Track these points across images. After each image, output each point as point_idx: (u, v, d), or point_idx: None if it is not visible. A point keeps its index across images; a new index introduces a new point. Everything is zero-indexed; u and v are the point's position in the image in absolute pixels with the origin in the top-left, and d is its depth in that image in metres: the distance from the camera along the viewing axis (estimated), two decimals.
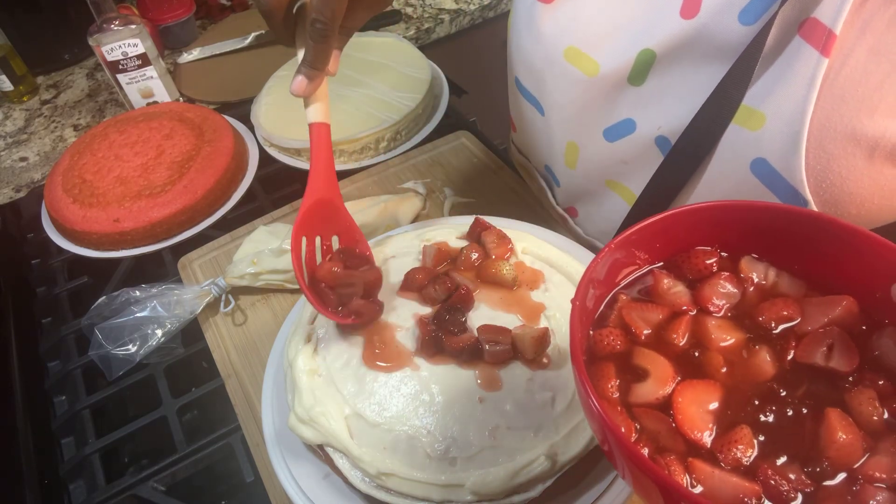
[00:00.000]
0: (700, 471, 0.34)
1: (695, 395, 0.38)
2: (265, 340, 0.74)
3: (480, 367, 0.57)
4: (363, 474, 0.54)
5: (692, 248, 0.44)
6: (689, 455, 0.35)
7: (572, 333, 0.37)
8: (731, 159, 0.54)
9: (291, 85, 0.59)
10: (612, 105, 0.62)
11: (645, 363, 0.40)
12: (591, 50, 0.61)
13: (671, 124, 0.58)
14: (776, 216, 0.42)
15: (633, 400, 0.38)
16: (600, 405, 0.33)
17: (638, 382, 0.39)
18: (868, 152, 0.47)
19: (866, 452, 0.34)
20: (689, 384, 0.38)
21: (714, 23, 0.52)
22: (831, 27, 0.45)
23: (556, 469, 0.51)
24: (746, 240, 0.43)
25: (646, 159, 0.63)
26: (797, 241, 0.42)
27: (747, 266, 0.43)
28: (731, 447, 0.35)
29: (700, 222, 0.43)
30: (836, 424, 0.34)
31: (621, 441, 0.32)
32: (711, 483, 0.34)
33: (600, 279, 0.42)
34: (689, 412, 0.37)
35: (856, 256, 0.39)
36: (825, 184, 0.49)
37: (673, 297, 0.43)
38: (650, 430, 0.37)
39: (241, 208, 0.95)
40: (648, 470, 0.31)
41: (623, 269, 0.44)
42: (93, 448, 0.70)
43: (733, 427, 0.36)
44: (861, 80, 0.46)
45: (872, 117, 0.46)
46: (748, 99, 0.51)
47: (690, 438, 0.36)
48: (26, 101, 1.25)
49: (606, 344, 0.41)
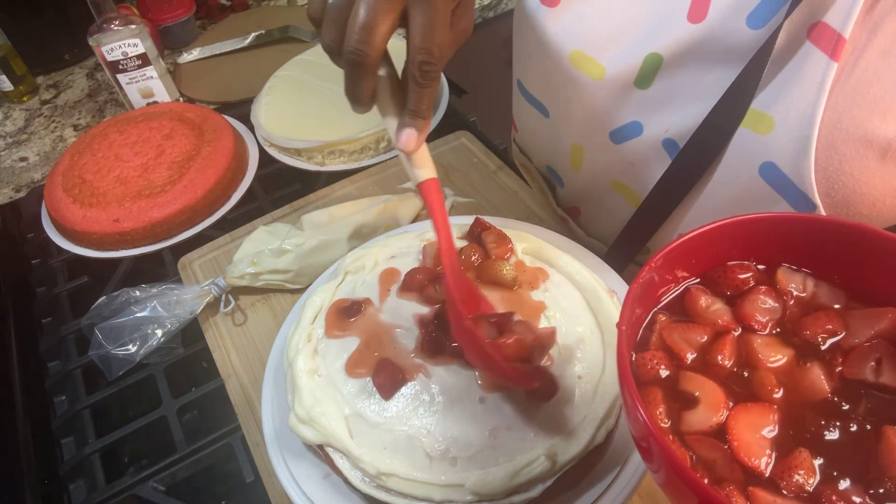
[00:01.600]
0: (762, 500, 0.33)
1: (750, 420, 0.36)
2: (265, 340, 0.74)
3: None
4: (363, 474, 0.54)
5: (726, 263, 0.43)
6: (748, 484, 0.34)
7: (620, 360, 0.36)
8: (739, 163, 0.54)
9: (399, 141, 0.51)
10: (618, 108, 0.62)
11: (693, 388, 0.38)
12: (596, 54, 0.61)
13: (678, 127, 0.58)
14: (814, 227, 0.41)
15: (686, 428, 0.37)
16: (658, 435, 0.32)
17: (688, 410, 0.37)
18: (880, 153, 0.47)
19: None
20: (743, 408, 0.37)
21: (722, 27, 0.52)
22: (840, 31, 0.45)
23: (556, 469, 0.51)
24: (783, 253, 0.42)
25: (653, 161, 0.62)
26: (835, 252, 0.40)
27: (784, 277, 0.42)
28: (792, 473, 0.34)
29: (734, 236, 0.42)
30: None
31: (687, 474, 0.31)
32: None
33: (642, 299, 0.40)
34: (745, 438, 0.35)
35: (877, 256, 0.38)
36: (837, 185, 0.49)
37: (713, 316, 0.41)
38: (706, 459, 0.35)
39: (241, 208, 0.95)
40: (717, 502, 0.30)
41: (660, 288, 0.42)
42: (93, 448, 0.70)
43: (791, 452, 0.34)
44: (873, 81, 0.46)
45: (885, 118, 0.46)
46: (757, 103, 0.51)
47: (748, 466, 0.34)
48: (26, 101, 1.25)
49: (650, 368, 0.39)
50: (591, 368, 0.56)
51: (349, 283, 0.67)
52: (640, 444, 0.37)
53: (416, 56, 0.47)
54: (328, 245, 0.78)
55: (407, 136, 0.50)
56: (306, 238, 0.77)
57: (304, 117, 0.99)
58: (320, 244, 0.77)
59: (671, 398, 0.38)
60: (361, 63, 0.46)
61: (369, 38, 0.45)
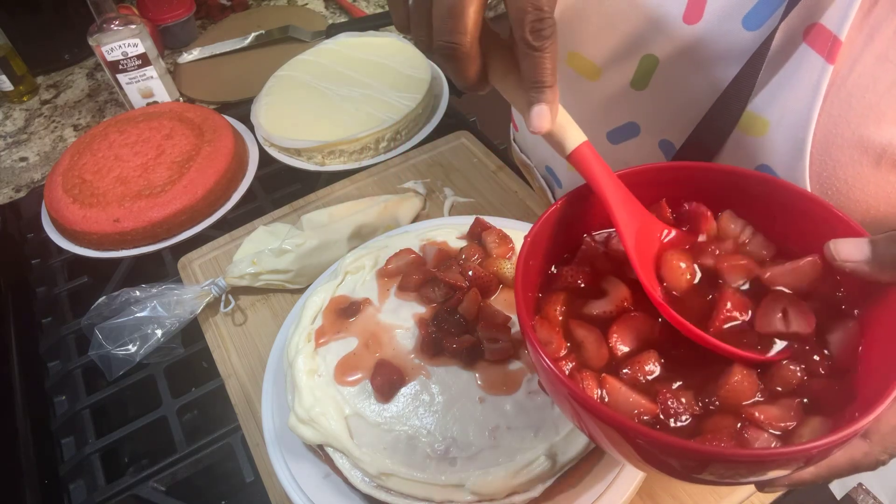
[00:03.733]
0: (611, 385, 0.39)
1: (635, 324, 0.42)
2: (265, 340, 0.74)
3: (481, 368, 0.57)
4: (363, 474, 0.54)
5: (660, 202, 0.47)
6: (604, 371, 0.40)
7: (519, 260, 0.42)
8: (735, 165, 0.54)
9: (531, 124, 0.43)
10: (614, 109, 0.62)
11: (607, 286, 0.44)
12: (592, 55, 0.61)
13: (674, 128, 0.58)
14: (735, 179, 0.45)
15: (585, 311, 0.43)
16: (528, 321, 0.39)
17: (594, 300, 0.43)
18: (875, 160, 0.47)
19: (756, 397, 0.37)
20: (638, 313, 0.42)
21: (718, 28, 0.52)
22: (837, 33, 0.45)
23: (556, 469, 0.51)
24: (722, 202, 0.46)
25: (649, 162, 0.62)
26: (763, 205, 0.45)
27: (726, 220, 0.46)
28: (635, 365, 0.39)
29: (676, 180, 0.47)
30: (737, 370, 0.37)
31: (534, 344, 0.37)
32: (616, 397, 0.38)
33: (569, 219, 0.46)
34: (622, 331, 0.41)
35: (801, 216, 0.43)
36: (830, 190, 0.49)
37: None
38: (578, 339, 0.42)
39: (241, 208, 0.95)
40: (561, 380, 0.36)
41: None
42: (93, 448, 0.70)
43: (643, 350, 0.40)
44: (869, 86, 0.46)
45: (880, 125, 0.46)
46: (752, 105, 0.51)
47: (613, 351, 0.41)
48: (26, 101, 1.25)
49: (571, 277, 0.45)
50: None
51: (349, 283, 0.67)
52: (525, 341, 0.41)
53: (523, 18, 0.40)
54: (328, 245, 0.78)
55: (538, 115, 0.42)
56: (306, 238, 0.77)
57: (304, 117, 0.99)
58: (320, 244, 0.77)
59: (575, 298, 0.44)
60: (455, 55, 0.42)
61: (458, 26, 0.41)
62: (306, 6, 1.42)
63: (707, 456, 0.33)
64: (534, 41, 0.41)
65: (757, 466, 0.34)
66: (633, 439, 0.35)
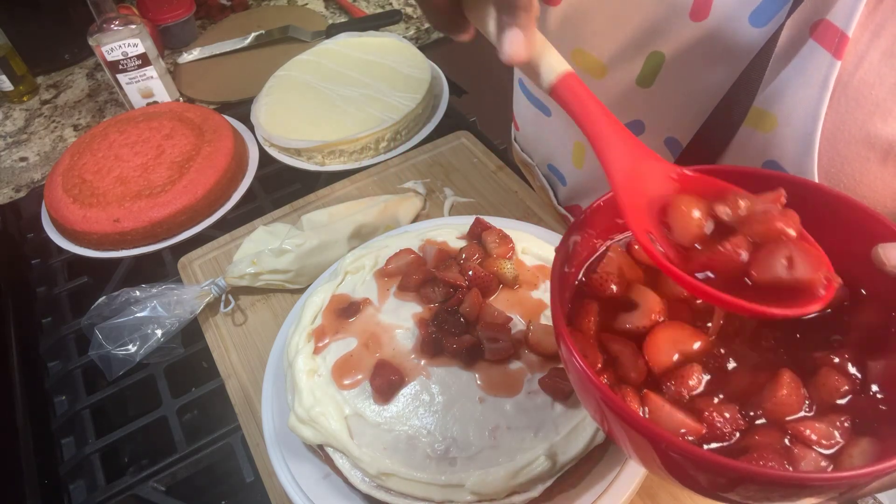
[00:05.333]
0: (653, 402, 0.36)
1: (673, 335, 0.39)
2: (265, 340, 0.74)
3: (481, 368, 0.57)
4: (363, 474, 0.54)
5: None
6: (645, 386, 0.38)
7: (553, 272, 0.40)
8: (741, 161, 0.54)
9: (503, 52, 0.39)
10: (620, 106, 0.62)
11: (637, 297, 0.42)
12: (598, 52, 0.61)
13: (680, 125, 0.58)
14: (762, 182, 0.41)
15: (617, 326, 0.41)
16: (566, 332, 0.36)
17: (625, 312, 0.41)
18: (882, 156, 0.47)
19: (803, 412, 0.36)
20: (674, 323, 0.40)
21: (725, 25, 0.52)
22: (844, 29, 0.45)
23: (556, 469, 0.51)
24: None
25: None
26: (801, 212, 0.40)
27: None
28: (678, 380, 0.37)
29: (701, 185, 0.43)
30: (784, 383, 0.36)
31: (578, 361, 0.35)
32: (659, 415, 0.36)
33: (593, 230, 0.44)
34: (659, 343, 0.39)
35: (838, 222, 0.40)
36: (838, 186, 0.49)
37: None
38: (613, 353, 0.39)
39: (241, 208, 0.95)
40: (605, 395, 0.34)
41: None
42: (93, 448, 0.70)
43: (685, 364, 0.38)
44: (875, 83, 0.46)
45: (887, 121, 0.46)
46: (759, 101, 0.51)
47: (650, 365, 0.38)
48: (26, 101, 1.25)
49: (599, 285, 0.43)
50: None
51: (349, 283, 0.67)
52: (559, 345, 0.38)
53: None
54: (328, 245, 0.78)
55: (510, 41, 0.39)
56: (306, 238, 0.77)
57: (304, 117, 0.99)
58: (320, 244, 0.77)
59: (608, 309, 0.42)
60: None
61: None
62: (306, 6, 1.42)
63: (757, 478, 0.31)
64: None
65: (804, 491, 0.31)
66: (679, 458, 0.33)
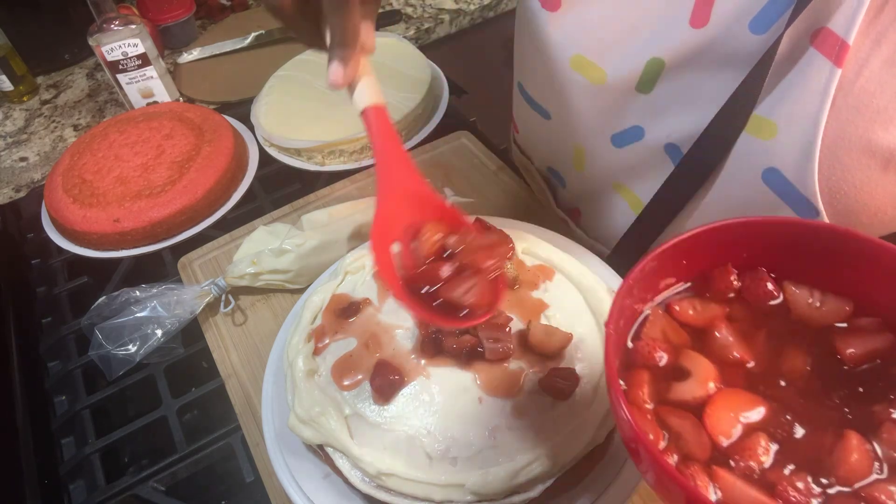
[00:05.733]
0: (724, 480, 0.35)
1: (732, 401, 0.38)
2: (265, 340, 0.74)
3: (481, 368, 0.57)
4: (363, 474, 0.54)
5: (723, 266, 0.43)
6: (712, 462, 0.36)
7: (607, 347, 0.37)
8: (742, 169, 0.54)
9: (328, 77, 0.49)
10: (619, 112, 0.62)
11: (688, 364, 0.40)
12: (597, 58, 0.61)
13: (680, 132, 0.58)
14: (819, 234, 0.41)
15: (672, 397, 0.39)
16: (630, 412, 0.34)
17: (678, 381, 0.39)
18: (883, 164, 0.47)
19: (875, 474, 0.34)
20: (731, 391, 0.38)
21: (725, 32, 0.52)
22: (844, 37, 0.45)
23: (556, 469, 0.51)
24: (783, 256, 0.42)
25: (654, 165, 0.62)
26: (841, 261, 0.40)
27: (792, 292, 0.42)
28: (746, 454, 0.35)
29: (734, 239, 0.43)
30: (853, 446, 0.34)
31: (650, 449, 0.33)
32: (732, 493, 0.34)
33: (637, 294, 0.42)
34: (719, 413, 0.37)
35: None
36: (839, 194, 0.49)
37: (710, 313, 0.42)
38: (674, 429, 0.37)
39: (241, 208, 0.95)
40: (676, 481, 0.32)
41: (662, 280, 0.43)
42: (93, 448, 0.70)
43: (751, 434, 0.36)
44: (876, 91, 0.46)
45: (888, 129, 0.46)
46: (760, 108, 0.51)
47: (714, 439, 0.36)
48: (26, 101, 1.25)
49: (647, 353, 0.40)
50: (591, 368, 0.56)
51: (349, 283, 0.67)
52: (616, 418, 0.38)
53: None
54: (328, 245, 0.78)
55: (333, 71, 0.49)
56: (306, 238, 0.77)
57: (304, 117, 0.99)
58: (320, 244, 0.77)
59: (659, 379, 0.40)
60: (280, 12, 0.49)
61: None
62: None
63: None
64: (326, 7, 0.47)
65: None
66: None
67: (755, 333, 0.41)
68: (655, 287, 0.43)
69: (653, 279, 0.43)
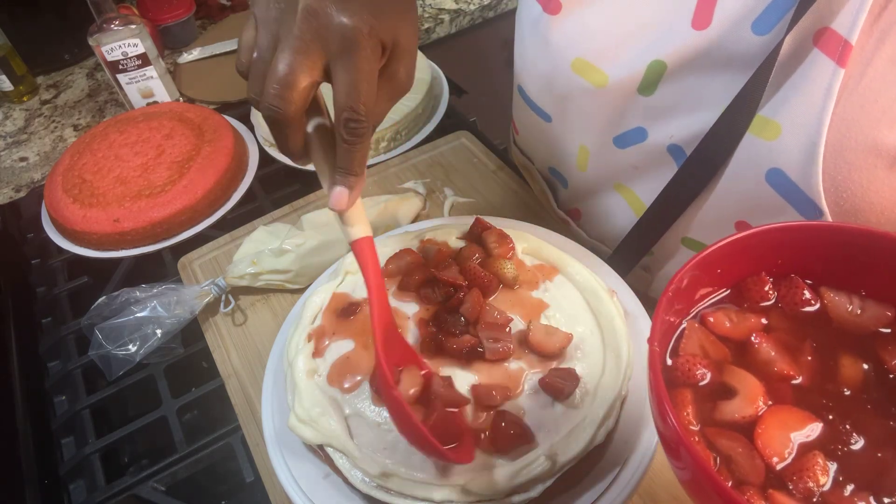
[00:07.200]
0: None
1: (783, 419, 0.36)
2: (265, 340, 0.74)
3: (480, 368, 0.57)
4: (363, 474, 0.54)
5: (759, 274, 0.42)
6: (768, 486, 0.34)
7: (654, 377, 0.35)
8: (746, 169, 0.54)
9: (330, 200, 0.50)
10: (621, 114, 0.62)
11: (734, 381, 0.38)
12: (599, 61, 0.60)
13: (683, 133, 0.58)
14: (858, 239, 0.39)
15: (718, 417, 0.37)
16: (685, 438, 0.32)
17: (725, 400, 0.37)
18: (889, 163, 0.47)
19: None
20: (782, 407, 0.37)
21: (727, 34, 0.52)
22: (847, 37, 0.45)
23: (556, 469, 0.51)
24: (817, 262, 0.41)
25: (658, 166, 0.62)
26: (884, 267, 0.39)
27: (832, 299, 0.41)
28: (804, 475, 0.34)
29: (770, 245, 0.41)
30: None
31: (713, 479, 0.31)
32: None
33: (675, 308, 0.40)
34: (771, 433, 0.35)
35: None
36: (846, 193, 0.49)
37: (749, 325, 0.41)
38: (724, 452, 0.36)
39: (241, 208, 0.95)
40: None
41: (698, 291, 0.42)
42: (93, 448, 0.70)
43: (806, 454, 0.34)
44: (881, 90, 0.46)
45: (893, 128, 0.46)
46: (763, 109, 0.51)
47: (768, 462, 0.35)
48: (26, 101, 1.25)
49: (688, 370, 0.39)
50: (591, 368, 0.56)
51: (349, 283, 0.67)
52: (668, 446, 0.36)
53: (340, 114, 0.46)
54: (328, 245, 0.78)
55: (337, 196, 0.50)
56: (306, 238, 0.77)
57: None
58: (320, 244, 0.77)
59: (703, 398, 0.38)
60: (279, 119, 0.46)
61: (286, 94, 0.45)
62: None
63: None
64: (347, 136, 0.47)
65: None
66: None
67: (798, 345, 0.40)
68: (692, 298, 0.42)
69: (690, 290, 0.41)
